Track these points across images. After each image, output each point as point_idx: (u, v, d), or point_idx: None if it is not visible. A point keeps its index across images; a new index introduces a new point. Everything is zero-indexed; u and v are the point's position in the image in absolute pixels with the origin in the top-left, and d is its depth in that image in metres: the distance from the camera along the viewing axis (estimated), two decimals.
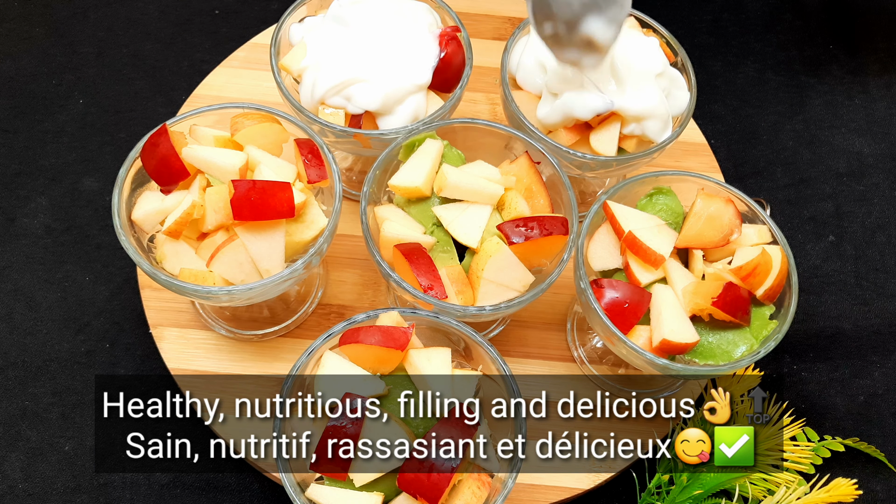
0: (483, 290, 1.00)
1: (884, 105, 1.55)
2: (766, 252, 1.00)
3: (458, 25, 1.19)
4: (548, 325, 1.23)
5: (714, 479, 1.04)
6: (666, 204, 1.06)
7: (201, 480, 1.13)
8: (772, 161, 1.47)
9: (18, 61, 1.48)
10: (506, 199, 1.04)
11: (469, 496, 0.86)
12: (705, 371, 0.98)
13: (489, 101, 1.43)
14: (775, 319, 1.01)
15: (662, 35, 1.21)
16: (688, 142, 1.41)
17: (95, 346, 1.21)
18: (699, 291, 0.99)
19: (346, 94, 1.11)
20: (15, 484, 1.11)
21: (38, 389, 1.17)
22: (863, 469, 1.18)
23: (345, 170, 1.35)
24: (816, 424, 1.20)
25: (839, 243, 1.38)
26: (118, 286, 1.25)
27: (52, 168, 1.36)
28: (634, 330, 1.00)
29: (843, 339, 1.29)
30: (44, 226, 1.31)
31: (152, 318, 1.19)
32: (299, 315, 1.20)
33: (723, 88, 1.56)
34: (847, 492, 1.06)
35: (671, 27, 1.25)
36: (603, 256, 1.05)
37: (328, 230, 1.02)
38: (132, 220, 1.02)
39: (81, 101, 1.44)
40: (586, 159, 1.11)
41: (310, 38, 1.16)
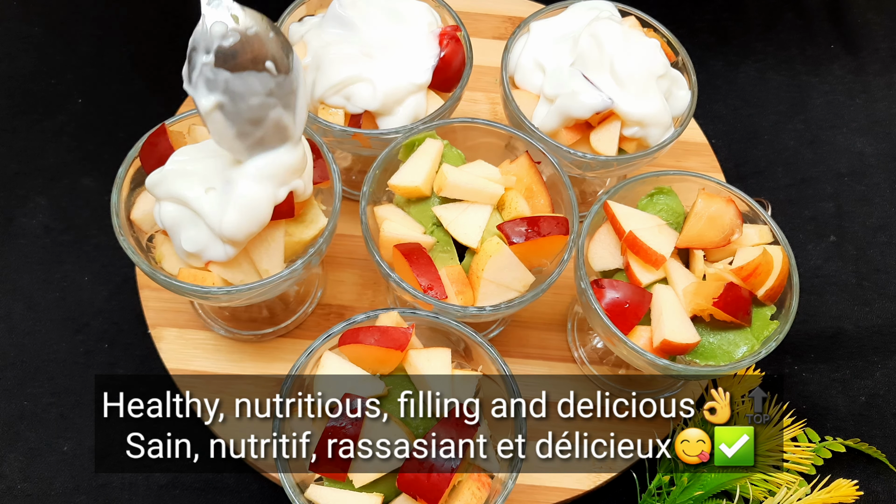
0: (483, 290, 0.99)
1: (885, 105, 1.54)
2: (767, 252, 1.00)
3: (458, 25, 1.19)
4: (548, 325, 1.22)
5: (715, 480, 1.03)
6: (667, 204, 1.06)
7: (200, 481, 1.13)
8: (773, 161, 1.47)
9: (17, 61, 1.48)
10: (506, 198, 1.04)
11: (469, 497, 0.86)
12: (706, 371, 0.98)
13: (489, 100, 1.43)
14: (776, 320, 1.01)
15: (663, 35, 1.21)
16: (689, 141, 1.41)
17: (94, 347, 1.21)
18: (700, 292, 0.98)
19: (346, 94, 1.11)
20: (14, 484, 1.11)
21: (36, 390, 1.17)
22: (864, 470, 1.17)
23: (345, 170, 1.35)
24: (817, 425, 1.20)
25: (840, 243, 1.38)
26: (117, 286, 1.25)
27: (50, 168, 1.36)
28: (635, 330, 1.00)
29: (844, 340, 1.29)
30: (42, 226, 1.30)
31: (151, 319, 1.18)
32: (299, 315, 1.19)
33: (724, 88, 1.56)
34: (848, 493, 1.05)
35: (672, 27, 1.25)
36: (603, 256, 1.05)
37: (328, 230, 1.01)
38: (131, 219, 1.02)
39: (80, 100, 1.44)
40: (587, 159, 1.11)
41: (309, 37, 1.16)
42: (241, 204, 0.92)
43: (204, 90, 0.86)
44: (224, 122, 0.88)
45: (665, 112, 1.13)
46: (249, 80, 0.87)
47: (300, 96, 0.91)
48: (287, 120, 0.91)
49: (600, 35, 1.11)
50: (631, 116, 1.10)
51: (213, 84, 0.86)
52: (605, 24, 1.13)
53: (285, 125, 0.91)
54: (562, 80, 1.12)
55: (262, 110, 0.89)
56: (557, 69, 1.14)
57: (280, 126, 0.91)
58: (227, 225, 0.92)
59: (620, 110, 1.10)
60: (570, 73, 1.12)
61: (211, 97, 0.87)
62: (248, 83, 0.87)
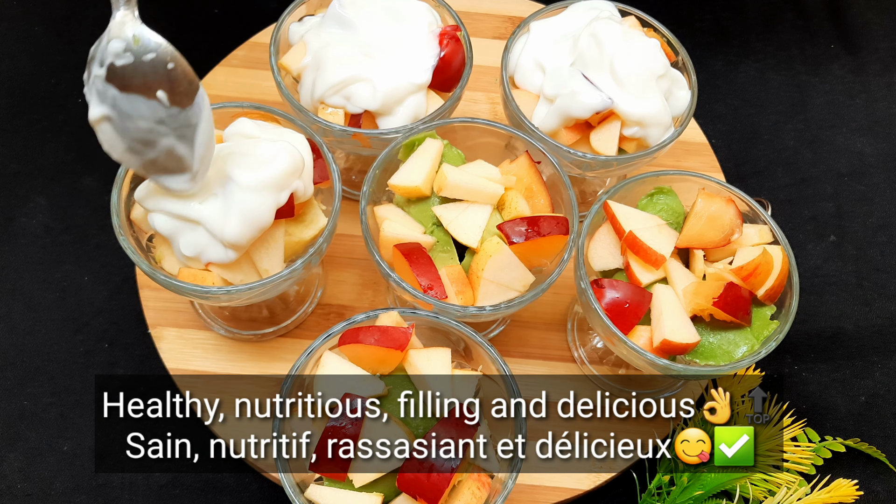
0: (483, 290, 0.99)
1: (885, 105, 1.54)
2: (767, 252, 1.00)
3: (458, 24, 1.19)
4: (548, 325, 1.22)
5: (715, 480, 1.03)
6: (667, 204, 1.06)
7: (200, 481, 1.12)
8: (773, 161, 1.47)
9: (17, 60, 1.48)
10: (506, 198, 1.04)
11: (469, 497, 0.86)
12: (706, 371, 0.98)
13: (489, 100, 1.43)
14: (776, 319, 1.01)
15: (663, 34, 1.21)
16: (689, 141, 1.41)
17: (94, 346, 1.21)
18: (700, 291, 0.98)
19: (346, 94, 1.11)
20: (14, 484, 1.11)
21: (36, 390, 1.17)
22: (864, 470, 1.17)
23: (344, 169, 1.35)
24: (817, 425, 1.20)
25: (840, 243, 1.38)
26: (117, 286, 1.25)
27: (50, 167, 1.36)
28: (635, 330, 1.00)
29: (844, 340, 1.29)
30: (42, 225, 1.30)
31: (151, 318, 1.18)
32: (299, 315, 1.19)
33: (724, 88, 1.56)
34: (848, 493, 1.05)
35: (672, 27, 1.24)
36: (603, 256, 1.05)
37: (328, 230, 1.01)
38: (131, 219, 1.02)
39: (80, 100, 1.44)
40: (587, 159, 1.11)
41: (309, 37, 1.16)
42: (243, 210, 0.92)
43: (96, 100, 0.87)
44: (113, 134, 0.89)
45: (665, 112, 1.13)
46: (137, 103, 0.87)
47: (201, 132, 0.90)
48: (182, 151, 0.90)
49: (600, 35, 1.11)
50: (631, 116, 1.10)
51: (103, 97, 0.86)
52: (605, 23, 1.13)
53: (179, 156, 0.90)
54: (562, 79, 1.12)
55: (150, 134, 0.89)
56: (557, 69, 1.14)
57: (174, 156, 0.90)
58: (230, 231, 0.92)
59: (620, 110, 1.10)
60: (570, 72, 1.12)
61: (99, 108, 0.87)
62: (136, 106, 0.87)
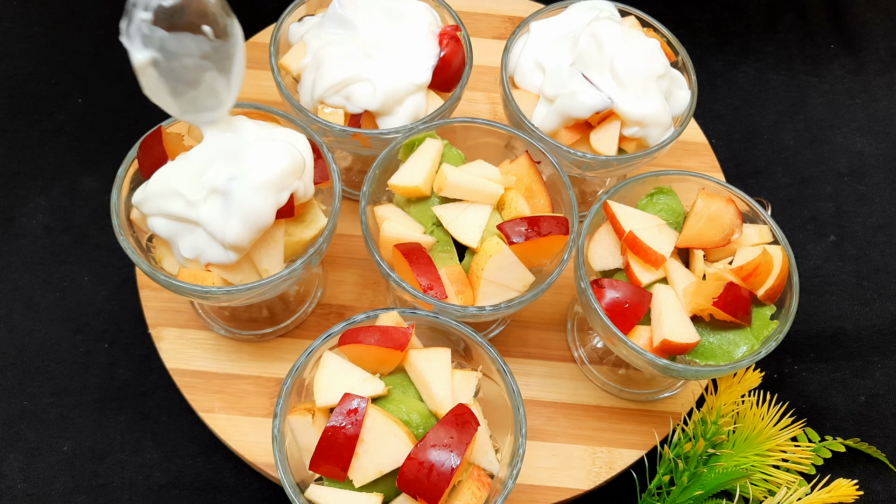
0: (483, 290, 0.99)
1: (885, 105, 1.54)
2: (766, 252, 1.00)
3: (458, 24, 1.19)
4: (548, 325, 1.22)
5: (715, 480, 1.03)
6: (666, 204, 1.06)
7: (200, 481, 1.12)
8: (773, 161, 1.47)
9: (17, 60, 1.48)
10: (506, 198, 1.04)
11: (469, 497, 0.86)
12: (706, 371, 0.98)
13: (489, 100, 1.43)
14: (776, 319, 1.01)
15: (663, 34, 1.21)
16: (688, 141, 1.41)
17: (94, 346, 1.21)
18: (700, 291, 0.98)
19: (346, 94, 1.11)
20: (14, 484, 1.11)
21: (36, 390, 1.17)
22: (864, 469, 1.18)
23: (344, 170, 1.35)
24: (817, 425, 1.20)
25: (840, 243, 1.38)
26: (117, 286, 1.25)
27: (50, 168, 1.36)
28: (635, 330, 0.99)
29: (844, 340, 1.29)
30: (42, 226, 1.30)
31: (151, 318, 1.18)
32: (299, 315, 1.19)
33: (723, 88, 1.56)
34: (848, 492, 1.05)
35: (672, 27, 1.25)
36: (603, 256, 1.05)
37: (328, 230, 1.01)
38: (131, 219, 1.02)
39: (80, 100, 1.44)
40: (587, 159, 1.11)
41: (309, 37, 1.16)
42: (243, 211, 0.92)
43: (140, 45, 0.88)
44: (158, 78, 0.90)
45: (665, 112, 1.13)
46: (185, 41, 0.89)
47: (237, 62, 0.93)
48: (220, 84, 0.93)
49: (600, 35, 1.11)
50: (631, 116, 1.10)
51: (149, 41, 0.88)
52: (604, 23, 1.13)
53: (218, 90, 0.93)
54: (562, 79, 1.12)
55: (196, 72, 0.91)
56: (557, 69, 1.14)
57: (214, 90, 0.93)
58: (231, 233, 0.93)
59: (620, 110, 1.10)
60: (569, 72, 1.12)
61: (146, 52, 0.88)
62: (184, 44, 0.89)
